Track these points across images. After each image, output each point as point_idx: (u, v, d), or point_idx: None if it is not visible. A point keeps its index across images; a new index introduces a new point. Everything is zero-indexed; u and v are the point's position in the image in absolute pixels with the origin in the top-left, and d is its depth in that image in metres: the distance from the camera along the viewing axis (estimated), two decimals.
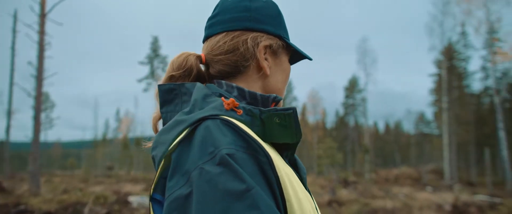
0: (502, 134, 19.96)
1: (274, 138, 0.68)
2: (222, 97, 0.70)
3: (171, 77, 0.79)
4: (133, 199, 9.38)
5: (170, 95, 0.76)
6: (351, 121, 46.04)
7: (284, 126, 0.67)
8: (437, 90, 34.39)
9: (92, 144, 45.96)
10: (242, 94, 0.77)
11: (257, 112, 0.68)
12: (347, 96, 45.83)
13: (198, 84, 0.75)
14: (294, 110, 0.68)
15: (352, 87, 45.12)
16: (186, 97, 0.74)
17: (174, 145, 0.62)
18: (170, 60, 0.84)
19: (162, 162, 0.63)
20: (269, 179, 0.59)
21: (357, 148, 41.40)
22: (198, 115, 0.65)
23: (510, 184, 18.82)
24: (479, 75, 33.25)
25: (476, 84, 38.47)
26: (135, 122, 48.05)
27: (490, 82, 30.82)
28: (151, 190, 0.65)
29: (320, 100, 45.92)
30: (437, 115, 35.86)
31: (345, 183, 21.94)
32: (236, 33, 0.79)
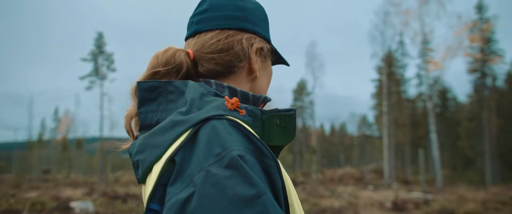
0: (433, 136, 21.89)
1: (271, 140, 0.67)
2: (226, 97, 0.66)
3: (155, 74, 0.72)
4: (76, 205, 8.76)
5: (152, 94, 0.69)
6: (299, 123, 47.46)
7: (284, 127, 0.67)
8: (378, 94, 36.83)
9: (26, 146, 42.18)
10: (233, 94, 0.73)
11: (258, 112, 0.67)
12: (295, 99, 47.18)
13: (191, 82, 0.69)
14: (295, 111, 0.68)
15: (301, 90, 46.55)
16: (173, 96, 0.68)
17: (177, 148, 0.57)
18: (152, 54, 0.75)
19: (161, 167, 0.57)
20: (275, 183, 0.55)
21: (304, 149, 42.78)
22: (201, 114, 0.60)
23: (439, 181, 20.70)
24: (414, 81, 36.16)
25: (411, 90, 41.90)
26: (76, 122, 44.98)
27: (424, 88, 33.76)
28: (147, 200, 0.58)
29: (269, 103, 46.52)
30: (378, 118, 38.36)
31: (294, 184, 22.55)
32: (230, 32, 0.75)
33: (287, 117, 0.67)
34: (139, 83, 0.70)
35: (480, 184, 20.22)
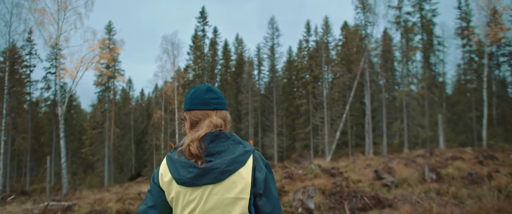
0: (63, 143, 22.10)
1: None
2: (251, 141, 1.43)
3: (217, 129, 1.33)
4: None
5: (215, 138, 1.29)
6: None
7: None
8: None
9: None
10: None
11: None
12: None
13: (233, 133, 1.35)
14: None
15: None
16: (224, 139, 1.29)
17: (253, 160, 1.29)
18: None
19: (251, 169, 1.26)
20: None
21: None
22: (251, 147, 1.32)
23: (66, 187, 21.13)
24: (41, 85, 34.33)
25: (36, 93, 39.21)
26: None
27: (51, 93, 32.90)
28: (250, 184, 1.24)
29: None
30: None
31: None
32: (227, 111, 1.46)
33: None
34: (209, 133, 1.30)
35: (100, 186, 22.69)
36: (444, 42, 34.07)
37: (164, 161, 1.34)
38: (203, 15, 38.80)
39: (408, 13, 30.50)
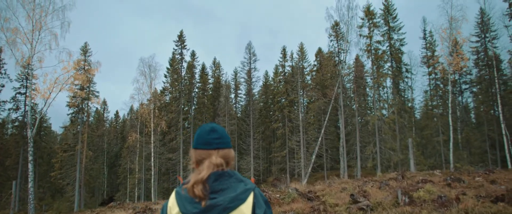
0: (31, 167, 21.18)
1: None
2: (252, 179, 1.64)
3: (219, 169, 1.44)
4: None
5: (219, 176, 1.38)
6: None
7: None
8: None
9: None
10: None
11: None
12: None
13: (235, 171, 1.44)
14: None
15: None
16: (227, 177, 1.38)
17: (253, 197, 1.39)
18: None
19: (251, 206, 1.36)
20: None
21: None
22: (252, 185, 1.42)
23: None
24: (9, 105, 32.97)
25: (3, 114, 37.36)
26: None
27: (20, 114, 31.58)
28: None
29: None
30: None
31: None
32: (231, 149, 1.51)
33: None
34: (213, 173, 1.40)
35: (69, 211, 21.72)
36: (412, 69, 36.08)
37: (173, 195, 1.48)
38: (181, 39, 39.11)
39: (378, 42, 32.17)
